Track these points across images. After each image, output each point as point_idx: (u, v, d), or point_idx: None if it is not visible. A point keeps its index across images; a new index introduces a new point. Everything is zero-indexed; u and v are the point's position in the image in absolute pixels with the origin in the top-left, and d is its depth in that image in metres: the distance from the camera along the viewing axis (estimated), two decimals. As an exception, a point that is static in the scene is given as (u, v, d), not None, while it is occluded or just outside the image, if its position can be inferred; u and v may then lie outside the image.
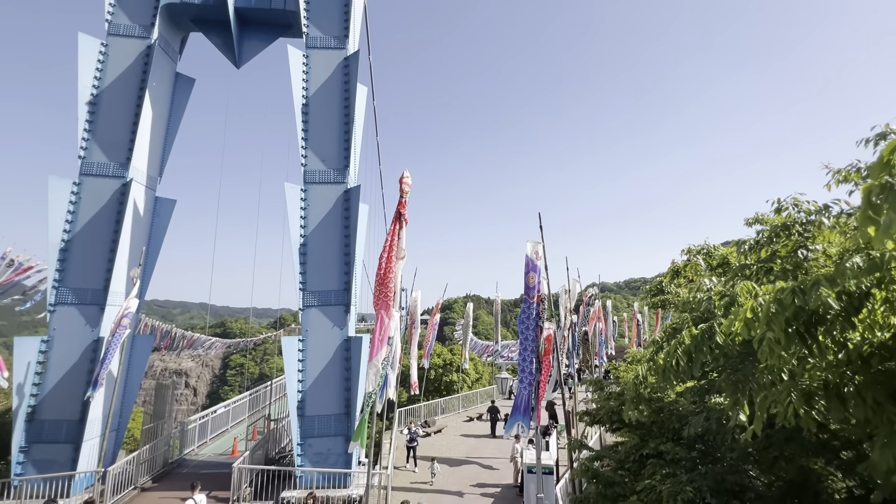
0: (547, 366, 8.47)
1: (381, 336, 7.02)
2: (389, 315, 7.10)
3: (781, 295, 2.62)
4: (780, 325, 2.55)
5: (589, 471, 6.67)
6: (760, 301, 2.83)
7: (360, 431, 7.04)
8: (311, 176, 15.92)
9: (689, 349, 3.54)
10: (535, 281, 8.58)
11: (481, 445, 20.52)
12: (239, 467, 13.30)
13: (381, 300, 7.13)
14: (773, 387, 3.12)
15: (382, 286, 7.15)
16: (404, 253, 7.50)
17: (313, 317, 15.15)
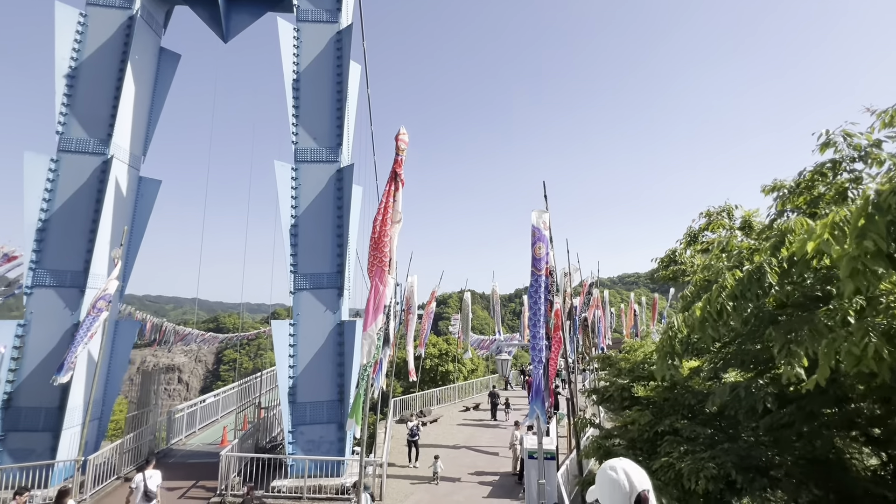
0: (557, 342, 7.98)
1: (375, 305, 6.49)
2: (384, 282, 6.56)
3: (879, 198, 2.12)
4: (879, 231, 2.03)
5: (601, 448, 6.19)
6: (846, 212, 2.33)
7: (355, 408, 6.53)
8: (302, 154, 15.27)
9: (735, 293, 3.05)
10: (542, 251, 8.06)
11: (478, 434, 20.12)
12: (227, 455, 12.74)
13: (374, 266, 6.60)
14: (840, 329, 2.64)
15: (376, 251, 6.61)
16: (400, 216, 6.96)
17: (305, 300, 14.57)
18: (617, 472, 2.15)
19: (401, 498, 13.14)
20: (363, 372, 6.59)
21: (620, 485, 2.09)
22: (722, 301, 3.05)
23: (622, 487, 2.07)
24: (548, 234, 8.24)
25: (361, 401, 6.53)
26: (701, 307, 3.23)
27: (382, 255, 6.67)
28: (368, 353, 6.62)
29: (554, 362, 8.02)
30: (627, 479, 2.08)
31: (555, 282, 8.47)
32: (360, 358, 6.79)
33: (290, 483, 13.10)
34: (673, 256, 7.53)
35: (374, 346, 6.51)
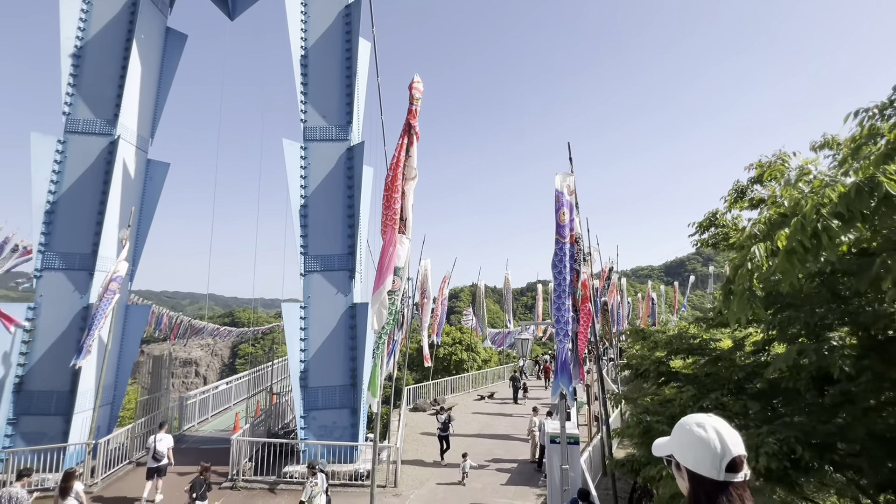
0: (586, 314, 7.38)
1: (385, 264, 5.97)
2: (395, 241, 6.02)
3: None
4: None
5: (641, 425, 5.59)
6: None
7: (372, 380, 6.03)
8: (311, 133, 14.80)
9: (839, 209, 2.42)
10: (566, 218, 7.45)
11: (494, 422, 19.63)
12: (238, 440, 12.44)
13: (387, 225, 6.08)
14: None
15: (388, 209, 6.08)
16: (415, 173, 6.40)
17: (315, 283, 14.17)
18: (706, 429, 1.61)
19: (416, 485, 12.72)
20: (378, 340, 6.09)
21: (710, 444, 1.56)
22: (820, 222, 2.42)
23: (712, 448, 1.54)
24: (573, 200, 7.62)
25: (377, 372, 6.02)
26: (788, 233, 2.62)
27: (393, 212, 6.14)
28: (379, 318, 6.10)
29: (584, 336, 7.43)
30: (719, 439, 1.56)
31: (581, 250, 7.86)
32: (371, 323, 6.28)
33: (302, 469, 12.75)
34: (714, 218, 6.83)
35: (385, 310, 6.00)
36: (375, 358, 6.03)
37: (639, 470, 6.33)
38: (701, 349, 6.68)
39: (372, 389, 6.06)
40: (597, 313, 18.77)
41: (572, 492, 10.15)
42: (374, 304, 6.07)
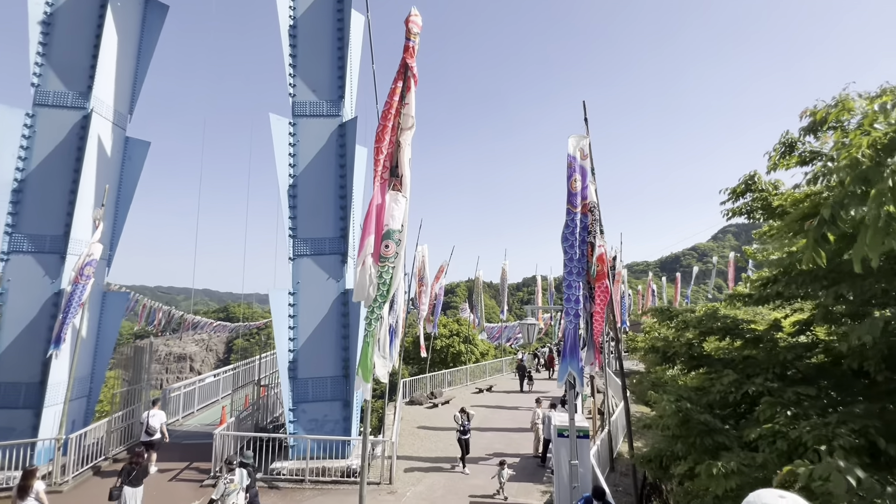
0: (602, 292, 6.59)
1: (372, 222, 5.11)
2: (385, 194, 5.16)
3: None
4: None
5: (679, 413, 4.80)
6: None
7: (363, 362, 5.19)
8: (300, 108, 13.86)
9: None
10: (579, 185, 6.64)
11: (493, 416, 18.89)
12: (221, 435, 11.61)
13: (375, 179, 5.23)
14: None
15: (378, 160, 5.22)
16: (412, 122, 5.55)
17: (305, 267, 13.29)
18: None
19: (412, 482, 11.95)
20: (369, 315, 5.25)
21: None
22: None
23: None
24: (587, 165, 6.80)
25: (369, 351, 5.18)
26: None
27: (384, 168, 5.29)
28: (362, 287, 5.25)
29: (600, 316, 6.64)
30: None
31: (596, 220, 7.05)
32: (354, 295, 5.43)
33: (290, 465, 11.96)
34: (751, 182, 6.02)
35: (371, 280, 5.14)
36: (367, 337, 5.21)
37: (668, 466, 5.55)
38: (737, 330, 5.90)
39: (363, 373, 5.23)
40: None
41: (583, 488, 9.39)
42: (357, 268, 5.21)
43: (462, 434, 12.90)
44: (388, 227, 5.31)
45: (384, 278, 5.25)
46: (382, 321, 5.34)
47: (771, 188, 5.98)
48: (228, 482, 7.73)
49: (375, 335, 5.17)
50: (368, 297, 5.19)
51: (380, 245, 5.22)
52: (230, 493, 7.66)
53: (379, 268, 5.24)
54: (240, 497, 7.79)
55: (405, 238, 5.48)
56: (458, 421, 13.10)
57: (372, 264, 5.18)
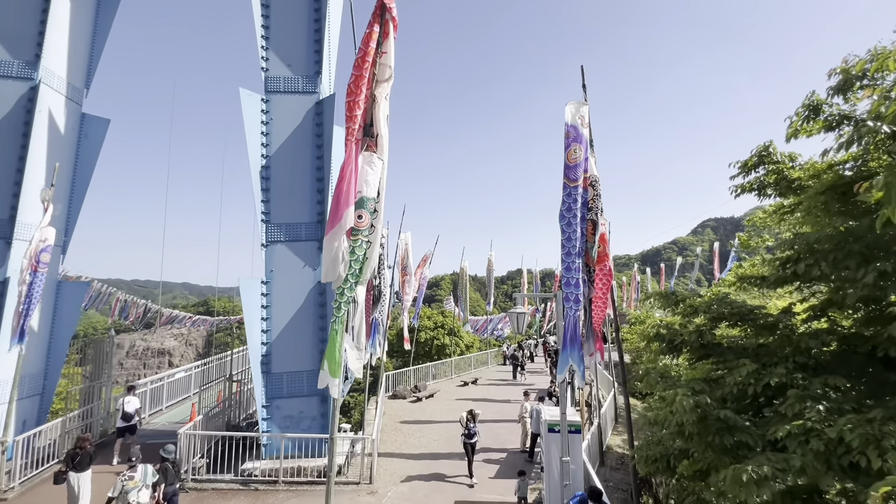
0: (604, 275, 6.01)
1: (344, 191, 4.39)
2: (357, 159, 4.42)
3: None
4: None
5: (698, 409, 4.21)
6: None
7: (330, 353, 4.46)
8: (273, 84, 12.88)
9: None
10: (578, 156, 6.00)
11: (479, 409, 18.33)
12: (186, 434, 10.74)
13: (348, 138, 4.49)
14: None
15: (350, 116, 4.49)
16: (390, 73, 4.80)
17: (279, 255, 12.42)
18: None
19: (394, 481, 11.31)
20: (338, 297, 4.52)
21: None
22: None
23: None
24: (587, 134, 6.16)
25: (337, 340, 4.45)
26: None
27: (357, 126, 4.54)
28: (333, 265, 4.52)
29: (602, 302, 6.07)
30: None
31: (598, 195, 6.44)
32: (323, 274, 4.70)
33: (263, 465, 11.18)
34: (765, 153, 5.47)
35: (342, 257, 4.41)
36: (336, 323, 4.49)
37: (675, 466, 5.00)
38: (751, 315, 5.37)
39: (329, 366, 4.51)
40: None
41: (574, 486, 8.87)
42: (327, 246, 4.48)
43: (468, 438, 11.45)
44: (362, 194, 4.57)
45: (357, 254, 4.50)
46: (357, 306, 4.63)
47: (787, 160, 5.45)
48: (127, 479, 7.29)
49: (345, 321, 4.46)
50: (338, 278, 4.46)
51: (351, 215, 4.48)
52: (129, 491, 7.18)
53: (350, 242, 4.50)
54: (142, 495, 7.31)
55: (382, 209, 4.75)
56: (463, 423, 11.73)
57: (344, 238, 4.45)
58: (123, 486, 7.25)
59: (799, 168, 5.36)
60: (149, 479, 7.54)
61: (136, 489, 7.27)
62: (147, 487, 7.44)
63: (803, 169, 5.22)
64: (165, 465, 8.12)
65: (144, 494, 7.37)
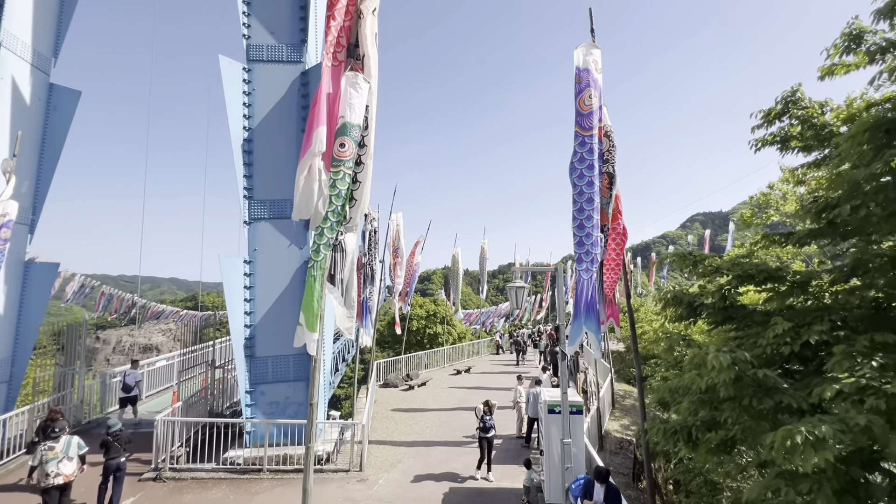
0: (618, 235, 5.50)
1: (318, 113, 3.80)
2: (339, 80, 3.85)
3: None
4: None
5: (735, 367, 3.69)
6: None
7: (306, 303, 3.90)
8: (256, 52, 12.14)
9: None
10: (592, 103, 5.47)
11: (472, 396, 17.92)
12: (164, 421, 10.09)
13: (327, 52, 3.90)
14: None
15: (329, 23, 3.90)
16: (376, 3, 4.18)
17: (263, 232, 11.76)
18: None
19: (385, 468, 10.81)
20: (317, 238, 3.93)
21: None
22: None
23: None
24: (601, 80, 5.62)
25: (316, 289, 3.87)
26: None
27: (338, 46, 3.96)
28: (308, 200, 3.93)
29: (615, 264, 5.57)
30: None
31: (614, 147, 5.92)
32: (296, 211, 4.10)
33: (247, 453, 10.59)
34: (792, 99, 4.99)
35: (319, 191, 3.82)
36: (314, 269, 3.91)
37: (698, 438, 4.53)
38: (779, 274, 4.90)
39: (306, 320, 3.95)
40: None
41: (576, 469, 8.44)
42: (299, 176, 3.88)
43: (483, 432, 10.35)
44: (345, 119, 3.98)
45: (338, 188, 3.91)
46: (345, 256, 4.03)
47: (817, 107, 4.98)
48: (47, 449, 7.28)
49: (325, 268, 3.87)
50: (316, 215, 3.87)
51: (332, 143, 3.88)
52: (49, 461, 7.19)
53: (331, 174, 3.91)
54: (63, 466, 7.28)
55: (372, 144, 4.14)
56: (479, 415, 10.69)
57: (322, 169, 3.86)
58: (43, 455, 7.21)
59: (830, 112, 4.90)
60: (72, 451, 7.45)
61: (55, 460, 7.21)
62: (70, 459, 7.37)
63: (835, 112, 4.76)
64: (106, 439, 8.19)
65: (67, 465, 7.31)
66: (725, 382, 3.68)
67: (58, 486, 7.22)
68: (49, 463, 7.16)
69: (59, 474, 7.19)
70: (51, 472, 7.13)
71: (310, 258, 3.97)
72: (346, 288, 4.22)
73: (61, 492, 7.33)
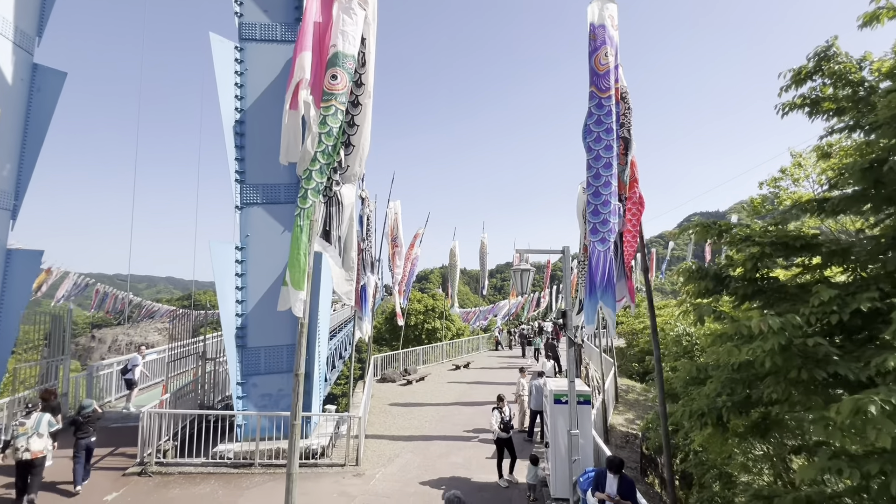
0: (635, 204, 5.10)
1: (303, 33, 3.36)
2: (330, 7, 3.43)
3: None
4: None
5: (785, 332, 3.26)
6: None
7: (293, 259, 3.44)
8: (249, 31, 11.68)
9: None
10: (608, 62, 5.06)
11: (472, 391, 17.53)
12: (150, 413, 9.62)
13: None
14: None
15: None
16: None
17: (256, 218, 11.30)
18: None
19: (382, 462, 10.38)
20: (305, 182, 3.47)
21: None
22: None
23: None
24: (617, 37, 5.21)
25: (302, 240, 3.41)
26: None
27: None
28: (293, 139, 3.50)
29: (632, 236, 5.16)
30: None
31: (630, 110, 5.51)
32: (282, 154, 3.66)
33: (238, 447, 10.13)
34: (825, 56, 4.58)
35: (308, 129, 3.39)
36: (300, 219, 3.46)
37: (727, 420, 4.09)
38: (815, 242, 4.47)
39: (292, 277, 3.51)
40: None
41: (584, 462, 8.03)
42: (285, 112, 3.42)
43: (504, 431, 9.11)
44: (337, 48, 3.53)
45: (329, 125, 3.46)
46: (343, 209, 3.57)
47: (854, 64, 4.57)
48: (18, 425, 7.50)
49: (312, 217, 3.41)
50: (305, 155, 3.42)
51: (323, 75, 3.45)
52: (18, 437, 7.36)
53: (321, 111, 3.47)
54: (33, 442, 7.39)
55: (371, 82, 3.68)
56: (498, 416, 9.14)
57: (311, 103, 3.43)
58: (14, 431, 7.40)
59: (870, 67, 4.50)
60: (42, 428, 7.56)
61: (24, 436, 7.32)
62: (39, 436, 7.47)
63: (878, 64, 4.36)
64: (77, 419, 8.40)
65: (36, 442, 7.39)
66: (773, 351, 3.25)
67: (26, 462, 7.29)
68: (19, 438, 7.31)
69: (28, 450, 7.28)
70: (20, 446, 7.26)
71: (297, 205, 3.52)
72: (344, 247, 3.78)
73: (31, 468, 7.39)
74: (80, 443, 8.36)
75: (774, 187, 11.29)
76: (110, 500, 8.15)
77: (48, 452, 7.62)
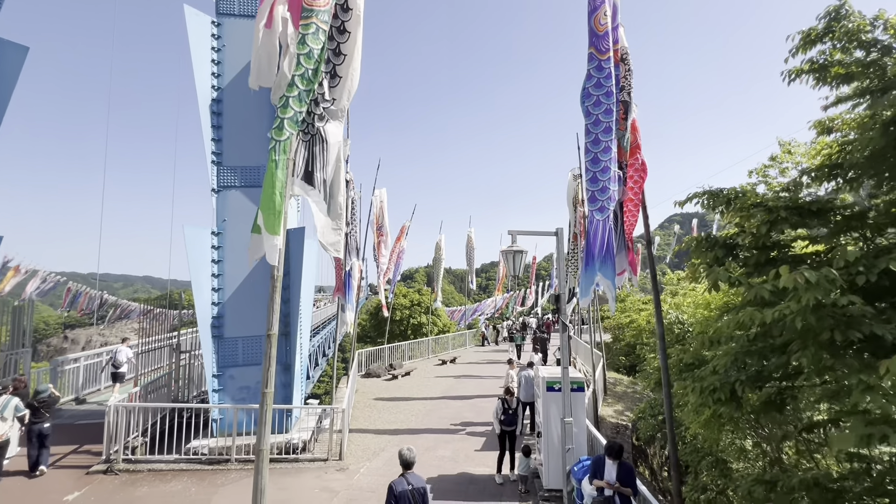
0: (637, 171, 4.82)
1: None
2: None
3: None
4: None
5: (823, 283, 2.96)
6: None
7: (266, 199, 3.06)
8: (226, 4, 11.11)
9: None
10: (607, 23, 4.77)
11: (459, 385, 17.21)
12: (116, 407, 9.01)
13: None
14: None
15: None
16: None
17: (233, 202, 10.75)
18: None
19: (367, 457, 9.97)
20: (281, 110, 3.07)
21: None
22: None
23: None
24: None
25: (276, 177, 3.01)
26: None
27: None
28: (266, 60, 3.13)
29: (633, 205, 4.89)
30: None
31: (630, 72, 5.23)
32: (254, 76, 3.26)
33: (213, 442, 9.59)
34: (835, 17, 4.34)
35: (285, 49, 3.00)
36: (275, 153, 3.07)
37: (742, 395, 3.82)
38: (829, 206, 4.24)
39: (266, 220, 3.12)
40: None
41: (578, 451, 7.76)
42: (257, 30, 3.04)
43: (507, 425, 8.57)
44: None
45: (309, 46, 3.08)
46: (328, 148, 3.17)
47: (867, 23, 4.36)
48: None
49: (288, 151, 3.02)
50: (281, 79, 3.00)
51: None
52: None
53: (300, 30, 3.09)
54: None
55: (360, 6, 3.27)
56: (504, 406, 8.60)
57: (288, 19, 3.03)
58: None
59: (884, 26, 4.30)
60: (7, 412, 7.63)
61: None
62: (3, 419, 7.54)
63: (893, 21, 4.15)
64: (31, 403, 8.24)
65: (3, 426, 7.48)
66: (807, 308, 2.96)
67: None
68: None
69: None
70: None
71: (270, 138, 3.10)
72: (329, 191, 3.39)
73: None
74: (34, 428, 8.17)
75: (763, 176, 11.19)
76: (71, 500, 7.55)
77: (11, 437, 7.62)
